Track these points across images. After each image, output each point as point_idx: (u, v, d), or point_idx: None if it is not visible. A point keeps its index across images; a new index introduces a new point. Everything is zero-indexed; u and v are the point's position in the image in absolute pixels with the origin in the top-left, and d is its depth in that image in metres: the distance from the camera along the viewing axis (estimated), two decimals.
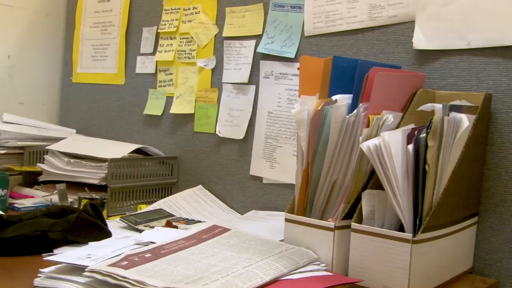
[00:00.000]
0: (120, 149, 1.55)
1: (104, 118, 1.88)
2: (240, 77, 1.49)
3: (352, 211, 0.97)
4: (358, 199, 0.97)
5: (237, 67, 1.50)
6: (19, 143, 1.70)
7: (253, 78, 1.47)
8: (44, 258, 0.93)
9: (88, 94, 1.94)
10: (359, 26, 1.25)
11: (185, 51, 1.63)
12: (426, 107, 0.93)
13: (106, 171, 1.46)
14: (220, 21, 1.56)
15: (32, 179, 1.70)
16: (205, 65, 1.58)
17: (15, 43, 1.94)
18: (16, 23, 1.94)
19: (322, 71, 1.02)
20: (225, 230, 1.05)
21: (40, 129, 1.81)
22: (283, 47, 1.40)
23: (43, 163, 1.62)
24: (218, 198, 1.54)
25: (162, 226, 1.22)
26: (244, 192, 1.49)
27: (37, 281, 0.88)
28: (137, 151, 1.60)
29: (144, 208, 1.45)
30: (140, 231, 1.22)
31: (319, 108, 0.99)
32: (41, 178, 1.62)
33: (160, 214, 1.37)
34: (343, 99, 0.99)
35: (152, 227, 1.24)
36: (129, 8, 1.80)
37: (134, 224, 1.27)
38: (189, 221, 1.32)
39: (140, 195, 1.55)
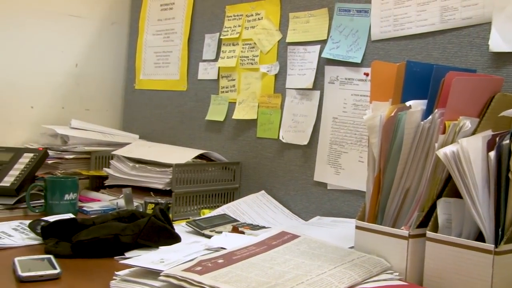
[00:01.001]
0: (184, 155, 1.57)
1: (166, 123, 1.91)
2: (304, 83, 1.48)
3: (427, 220, 0.94)
4: (432, 207, 0.94)
5: (301, 72, 1.50)
6: (86, 148, 1.75)
7: (318, 83, 1.46)
8: (120, 262, 0.95)
9: (151, 100, 1.98)
10: (430, 29, 1.22)
11: (248, 57, 1.64)
12: (509, 112, 0.89)
13: (170, 176, 1.48)
14: (283, 26, 1.56)
15: (98, 183, 1.75)
16: (268, 71, 1.59)
17: (82, 52, 2.00)
18: (84, 33, 2.00)
19: (395, 76, 1.00)
20: (294, 236, 1.05)
21: (105, 135, 1.86)
22: (349, 52, 1.38)
23: (109, 167, 1.65)
24: (281, 204, 1.53)
25: (229, 232, 1.22)
26: (308, 198, 1.48)
27: (113, 284, 0.90)
28: (200, 156, 1.62)
29: (208, 213, 1.46)
30: (206, 236, 1.24)
31: (392, 114, 0.97)
32: (107, 182, 1.66)
33: (224, 219, 1.37)
34: (417, 105, 0.97)
35: (218, 232, 1.24)
36: (191, 16, 1.83)
37: (200, 229, 1.28)
38: (254, 227, 1.32)
39: (203, 200, 1.56)
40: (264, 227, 1.33)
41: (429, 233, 0.91)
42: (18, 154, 1.56)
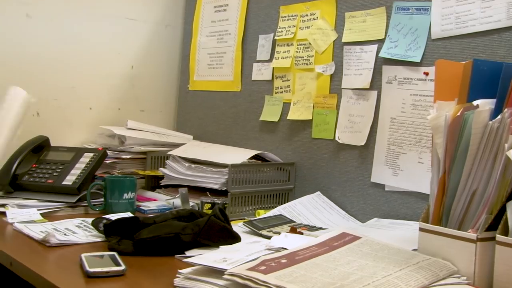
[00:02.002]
0: (239, 155, 1.58)
1: (220, 124, 1.93)
2: (361, 83, 1.47)
3: (495, 223, 0.91)
4: (502, 210, 0.91)
5: (357, 72, 1.48)
6: (143, 149, 1.79)
7: (375, 83, 1.44)
8: (184, 260, 0.96)
9: (204, 101, 2.00)
10: (495, 26, 1.18)
11: (303, 57, 1.63)
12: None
13: (226, 177, 1.49)
14: (339, 26, 1.54)
15: (154, 183, 1.78)
16: (323, 71, 1.57)
17: (138, 54, 2.04)
18: (139, 36, 2.04)
19: (461, 75, 0.97)
20: (356, 238, 1.03)
21: (161, 135, 1.89)
22: (408, 51, 1.35)
23: (165, 167, 1.68)
24: (337, 205, 1.52)
25: (286, 232, 1.22)
26: (364, 199, 1.46)
27: (177, 281, 0.92)
28: (255, 157, 1.62)
29: (263, 214, 1.47)
30: (263, 236, 1.24)
31: (458, 114, 0.94)
32: (163, 182, 1.68)
33: (281, 220, 1.37)
34: (485, 104, 0.94)
35: (275, 232, 1.24)
36: (245, 17, 1.84)
37: (257, 229, 1.28)
38: (311, 228, 1.32)
39: (258, 200, 1.56)
40: (321, 228, 1.32)
41: (499, 237, 0.88)
42: (79, 153, 1.60)
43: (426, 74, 1.32)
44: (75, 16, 1.87)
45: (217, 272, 0.89)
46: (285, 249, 1.00)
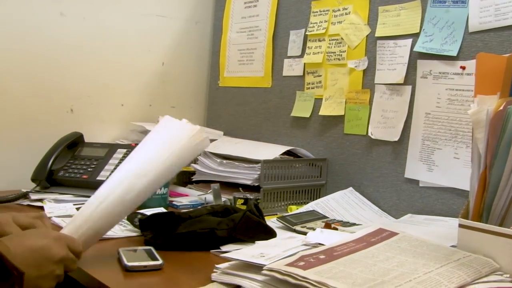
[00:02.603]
0: (271, 151, 1.58)
1: (250, 120, 1.93)
2: (395, 78, 1.45)
3: None
4: None
5: (391, 67, 1.46)
6: None
7: (409, 78, 1.42)
8: (221, 255, 0.96)
9: (235, 97, 2.00)
10: None
11: (335, 52, 1.62)
12: None
13: (259, 172, 1.49)
14: (372, 21, 1.53)
15: (185, 179, 1.79)
16: (356, 66, 1.56)
17: (168, 51, 2.06)
18: (169, 32, 2.05)
19: (504, 69, 0.95)
20: (393, 234, 1.02)
21: None
22: (444, 45, 1.33)
23: (196, 163, 1.69)
24: (370, 201, 1.51)
25: (321, 228, 1.21)
26: (398, 195, 1.45)
27: (214, 276, 0.92)
28: (286, 152, 1.61)
29: (296, 210, 1.46)
30: (297, 231, 1.24)
31: (500, 108, 0.93)
32: (195, 178, 1.69)
33: (314, 216, 1.37)
34: None
35: (309, 228, 1.24)
36: (276, 13, 1.83)
37: (291, 224, 1.28)
38: (344, 223, 1.31)
39: (290, 196, 1.56)
40: (354, 224, 1.31)
41: None
42: (112, 149, 1.62)
43: (463, 68, 1.30)
44: (107, 14, 1.89)
45: (255, 267, 0.88)
46: (322, 244, 0.99)
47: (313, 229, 1.20)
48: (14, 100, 1.71)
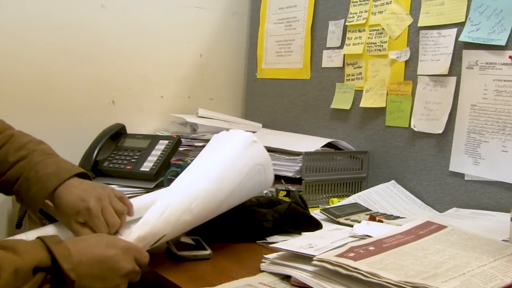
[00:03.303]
0: (312, 143, 1.57)
1: (289, 112, 1.92)
2: (439, 69, 1.43)
3: None
4: None
5: (434, 58, 1.44)
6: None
7: (454, 69, 1.40)
8: (270, 246, 0.97)
9: (273, 89, 2.00)
10: None
11: (376, 43, 1.61)
12: None
13: (300, 164, 1.49)
14: (414, 10, 1.50)
15: None
16: (397, 57, 1.54)
17: (206, 43, 2.07)
18: (207, 24, 2.06)
19: None
20: (441, 227, 1.01)
21: (230, 123, 1.91)
22: (491, 34, 1.30)
23: None
24: (413, 194, 1.49)
25: (365, 220, 1.21)
26: (442, 188, 1.43)
27: (263, 266, 0.93)
28: (326, 145, 1.61)
29: (337, 202, 1.46)
30: (341, 224, 1.23)
31: None
32: None
33: (357, 208, 1.36)
34: None
35: (353, 220, 1.24)
36: (314, 3, 1.82)
37: (334, 217, 1.27)
38: (388, 216, 1.30)
39: (331, 188, 1.55)
40: (398, 217, 1.30)
41: None
42: (155, 141, 1.64)
43: None
44: (146, 6, 1.91)
45: (304, 258, 0.89)
46: (369, 236, 0.99)
47: (358, 221, 1.20)
48: (59, 93, 1.75)
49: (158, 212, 0.93)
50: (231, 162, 1.03)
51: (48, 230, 0.99)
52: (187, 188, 0.98)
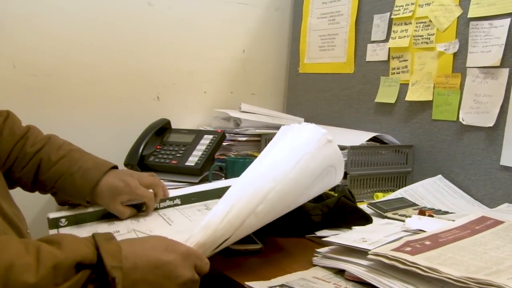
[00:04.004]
0: (357, 137, 1.56)
1: (332, 107, 1.91)
2: (490, 60, 1.39)
3: None
4: None
5: (485, 49, 1.41)
6: (257, 131, 1.81)
7: (506, 60, 1.36)
8: (324, 239, 0.97)
9: (315, 83, 1.99)
10: None
11: (422, 36, 1.58)
12: None
13: (345, 158, 1.48)
14: (464, 1, 1.47)
15: None
16: (445, 50, 1.51)
17: (249, 38, 2.07)
18: (250, 20, 2.07)
19: None
20: (498, 222, 0.99)
21: (273, 118, 1.91)
22: None
23: None
24: (461, 189, 1.46)
25: (415, 215, 1.19)
26: (492, 183, 1.40)
27: (316, 260, 0.92)
28: (371, 139, 1.59)
29: (382, 197, 1.44)
30: (389, 218, 1.22)
31: None
32: None
33: (404, 203, 1.35)
34: None
35: (401, 215, 1.22)
36: None
37: (382, 211, 1.26)
38: (437, 211, 1.28)
39: (376, 183, 1.54)
40: (447, 212, 1.28)
41: None
42: (199, 135, 1.65)
43: None
44: (191, 3, 1.92)
45: (358, 252, 0.88)
46: (423, 231, 0.98)
47: (406, 216, 1.19)
48: (106, 89, 1.78)
49: (221, 215, 0.84)
50: (303, 163, 0.92)
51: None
52: (254, 188, 0.88)
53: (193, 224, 1.07)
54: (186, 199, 1.26)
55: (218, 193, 1.34)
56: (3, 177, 0.94)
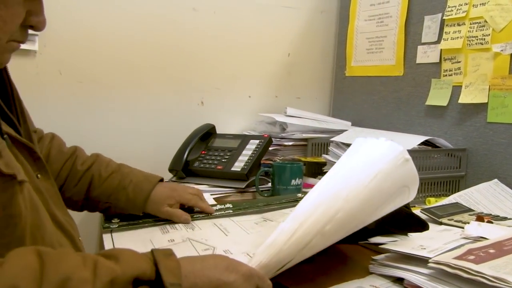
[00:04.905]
0: (408, 141, 1.52)
1: (380, 110, 1.87)
2: None
3: None
4: None
5: None
6: (304, 135, 1.79)
7: None
8: (381, 246, 0.94)
9: (363, 86, 1.95)
10: None
11: (477, 36, 1.52)
12: None
13: None
14: None
15: (315, 170, 1.77)
16: (502, 50, 1.46)
17: (294, 42, 2.06)
18: (295, 23, 2.05)
19: None
20: None
21: (320, 122, 1.88)
22: None
23: (327, 154, 1.66)
24: None
25: (472, 221, 1.14)
26: None
27: (372, 268, 0.89)
28: (422, 142, 1.55)
29: (434, 202, 1.40)
30: (444, 224, 1.18)
31: None
32: (326, 169, 1.67)
33: (459, 208, 1.30)
34: None
35: (457, 221, 1.18)
36: None
37: (437, 217, 1.22)
38: (495, 217, 1.23)
39: (428, 187, 1.49)
40: (506, 218, 1.23)
41: None
42: (245, 140, 1.64)
43: None
44: (235, 7, 1.92)
45: (417, 260, 0.85)
46: (484, 238, 0.93)
47: (462, 222, 1.14)
48: (150, 95, 1.80)
49: (287, 234, 0.79)
50: (377, 182, 0.85)
51: None
52: (324, 207, 0.81)
53: (251, 237, 1.06)
54: (237, 205, 1.25)
55: (268, 201, 1.32)
56: (56, 186, 0.94)
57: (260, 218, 1.21)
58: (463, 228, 1.02)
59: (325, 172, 1.67)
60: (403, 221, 1.08)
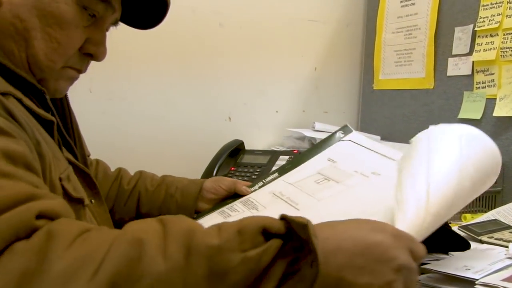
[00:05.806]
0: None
1: (410, 124, 1.84)
2: None
3: None
4: None
5: None
6: None
7: None
8: (423, 266, 0.90)
9: (392, 100, 1.92)
10: None
11: (511, 47, 1.49)
12: None
13: None
14: None
15: None
16: None
17: (320, 56, 2.04)
18: (321, 37, 2.03)
19: None
20: None
21: None
22: None
23: None
24: None
25: None
26: None
27: None
28: None
29: (470, 219, 1.35)
30: (484, 242, 1.14)
31: None
32: None
33: (498, 225, 1.25)
34: None
35: (498, 239, 1.13)
36: (438, 9, 1.73)
37: (476, 235, 1.17)
38: None
39: None
40: None
41: None
42: (275, 156, 1.62)
43: None
44: (261, 22, 1.91)
45: (462, 281, 0.81)
46: None
47: (502, 240, 1.10)
48: (178, 111, 1.79)
49: (423, 193, 0.75)
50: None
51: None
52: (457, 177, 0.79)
53: (321, 204, 0.98)
54: (282, 170, 1.21)
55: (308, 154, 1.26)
56: (108, 212, 0.95)
57: (317, 175, 1.12)
58: (507, 247, 0.98)
59: None
60: (443, 239, 1.04)
